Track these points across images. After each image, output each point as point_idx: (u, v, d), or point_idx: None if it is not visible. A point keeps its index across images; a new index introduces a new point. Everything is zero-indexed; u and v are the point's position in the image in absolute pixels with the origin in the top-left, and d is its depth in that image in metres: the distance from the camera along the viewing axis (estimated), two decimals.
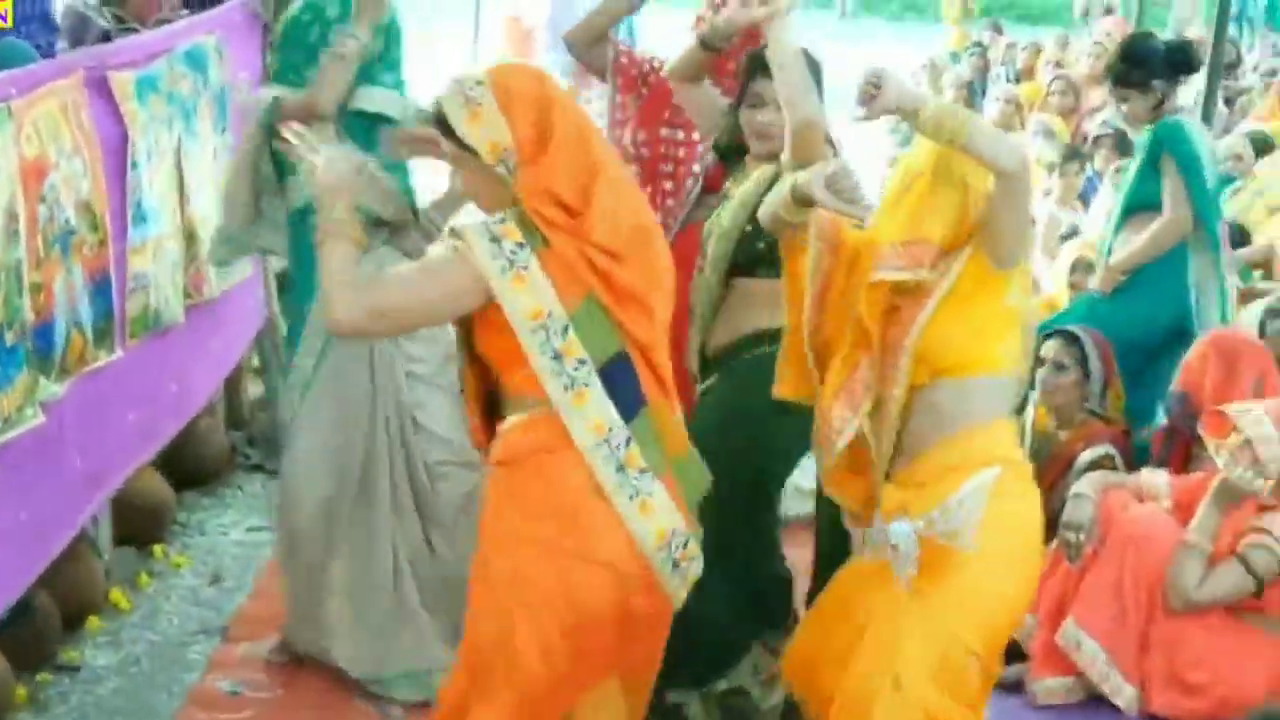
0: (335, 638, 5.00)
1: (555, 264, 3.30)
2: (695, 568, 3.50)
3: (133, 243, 5.26)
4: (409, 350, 4.94)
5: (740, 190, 4.55)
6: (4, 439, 4.25)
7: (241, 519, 6.46)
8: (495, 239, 3.30)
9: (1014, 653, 5.17)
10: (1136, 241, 6.47)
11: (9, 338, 4.32)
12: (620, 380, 3.32)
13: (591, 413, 3.30)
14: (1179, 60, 6.12)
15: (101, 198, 4.99)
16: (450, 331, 3.94)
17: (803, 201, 3.77)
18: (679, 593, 3.51)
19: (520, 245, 3.28)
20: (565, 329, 3.28)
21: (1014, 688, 5.14)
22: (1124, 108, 6.21)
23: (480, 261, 3.28)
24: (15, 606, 4.54)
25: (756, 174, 4.52)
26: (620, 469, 3.32)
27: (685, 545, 3.43)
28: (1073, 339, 5.83)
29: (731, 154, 4.86)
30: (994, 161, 3.67)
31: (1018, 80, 14.60)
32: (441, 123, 3.47)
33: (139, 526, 5.95)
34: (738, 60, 5.03)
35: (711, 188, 4.91)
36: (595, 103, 6.85)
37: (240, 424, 7.25)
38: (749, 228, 4.44)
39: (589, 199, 3.36)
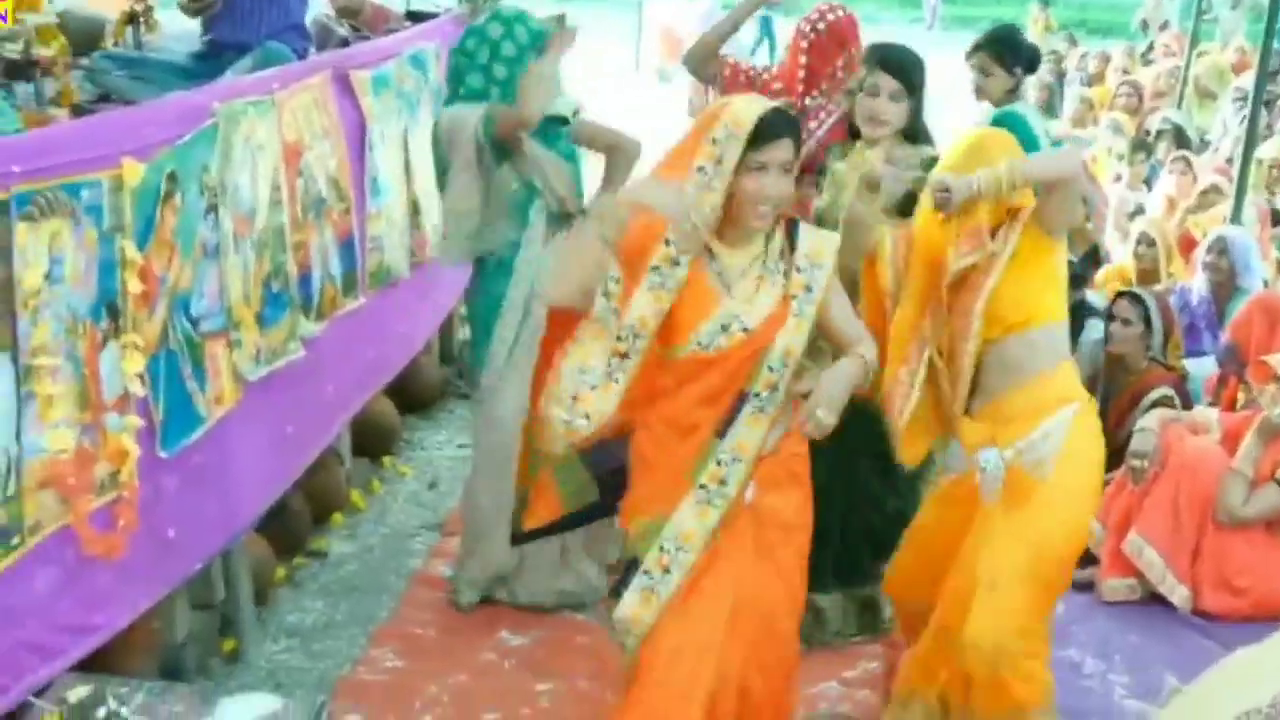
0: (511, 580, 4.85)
1: None
2: None
3: (370, 210, 5.30)
4: None
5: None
6: (273, 368, 4.30)
7: (453, 437, 6.50)
8: None
9: (1085, 558, 5.14)
10: None
11: (275, 285, 4.39)
12: None
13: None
14: (1034, 59, 5.79)
15: (345, 173, 5.04)
16: None
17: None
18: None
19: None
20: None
21: (1085, 587, 5.10)
22: (982, 81, 5.46)
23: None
24: (276, 505, 4.59)
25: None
26: None
27: None
28: (1137, 299, 5.74)
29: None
30: (1059, 176, 3.65)
31: (1090, 84, 14.33)
32: None
33: (373, 442, 6.01)
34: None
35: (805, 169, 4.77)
36: None
37: (451, 360, 7.31)
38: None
39: None
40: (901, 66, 4.37)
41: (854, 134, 4.53)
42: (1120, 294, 5.90)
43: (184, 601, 4.33)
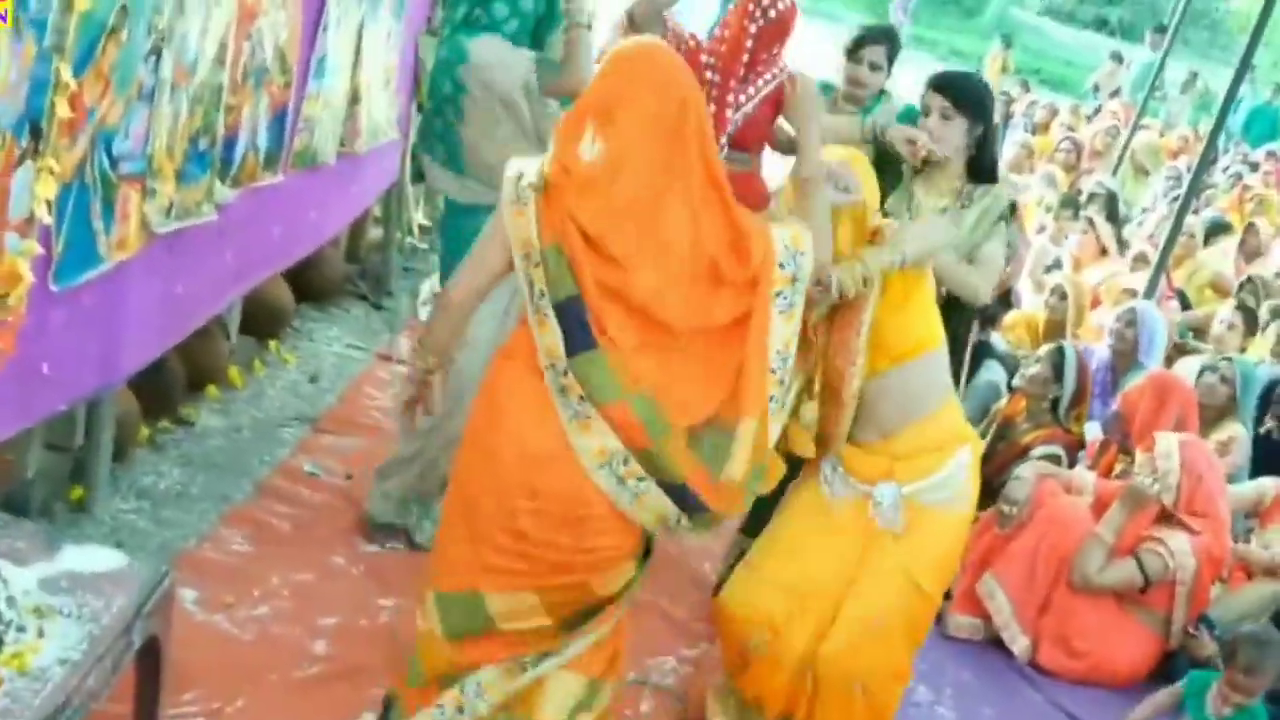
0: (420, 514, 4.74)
1: (545, 207, 3.09)
2: (648, 490, 3.12)
3: (309, 91, 5.19)
4: None
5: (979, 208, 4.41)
6: (181, 225, 4.20)
7: (343, 335, 6.43)
8: (519, 177, 3.14)
9: None
10: None
11: (201, 143, 4.29)
12: (569, 319, 3.08)
13: (547, 337, 3.09)
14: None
15: (294, 48, 4.93)
16: None
17: None
18: (636, 512, 3.16)
19: (530, 187, 3.10)
20: (537, 263, 3.08)
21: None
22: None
23: (504, 193, 3.16)
24: (153, 364, 4.48)
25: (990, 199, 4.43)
26: (561, 391, 3.08)
27: (626, 462, 3.09)
28: (1060, 353, 5.85)
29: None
30: (941, 248, 3.77)
31: (1034, 132, 14.53)
32: None
33: (262, 322, 5.92)
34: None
35: (739, 145, 4.74)
36: None
37: (356, 259, 7.22)
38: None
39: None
40: (948, 83, 4.44)
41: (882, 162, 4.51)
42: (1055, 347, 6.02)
43: (39, 439, 4.24)
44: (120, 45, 3.55)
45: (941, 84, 4.40)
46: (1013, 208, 4.51)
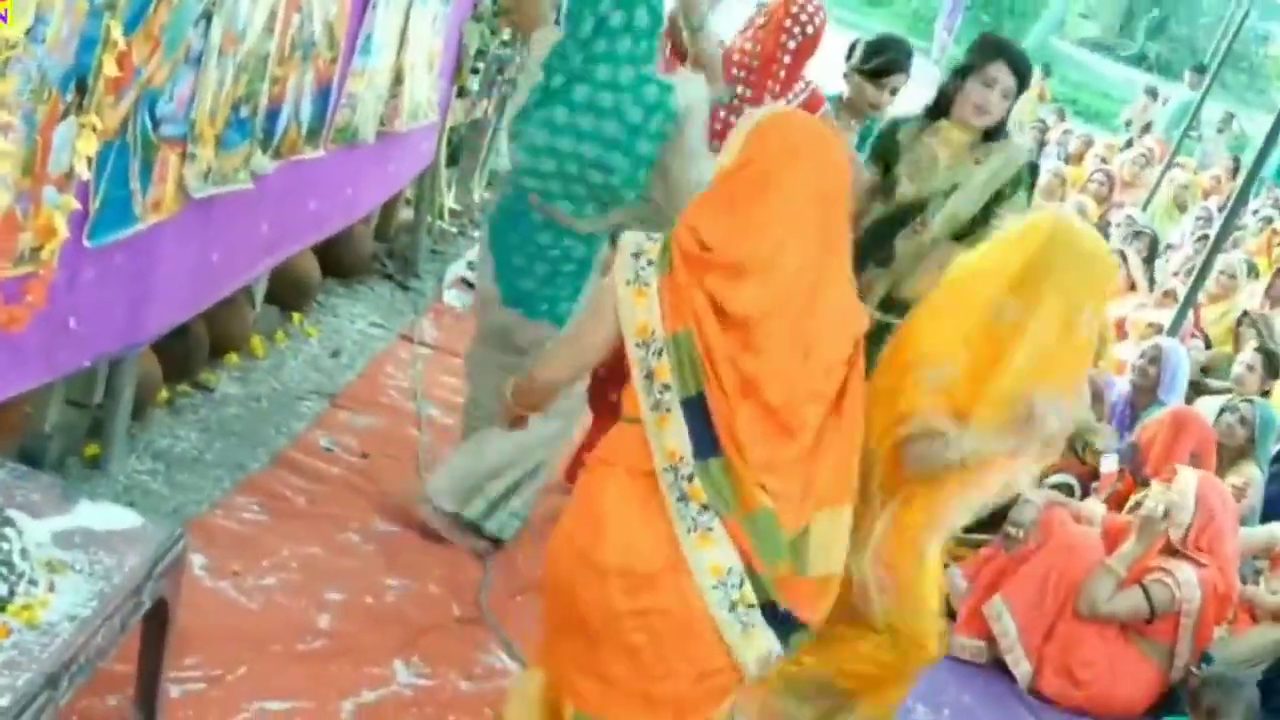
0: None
1: (671, 287, 2.84)
2: (755, 622, 2.89)
3: (355, 67, 5.17)
4: None
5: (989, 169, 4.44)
6: (218, 191, 4.19)
7: (367, 313, 6.42)
8: (638, 254, 2.90)
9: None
10: None
11: (243, 111, 4.27)
12: (695, 419, 2.83)
13: (669, 438, 2.82)
14: None
15: (343, 23, 4.91)
16: None
17: None
18: (742, 651, 2.90)
19: (650, 264, 2.86)
20: (660, 351, 2.82)
21: None
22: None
23: (616, 271, 2.92)
24: (176, 328, 4.47)
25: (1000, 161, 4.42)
26: (682, 498, 2.82)
27: (741, 584, 2.84)
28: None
29: (931, 112, 4.65)
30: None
31: (1067, 161, 14.47)
32: None
33: (287, 294, 5.91)
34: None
35: None
36: None
37: (386, 238, 7.20)
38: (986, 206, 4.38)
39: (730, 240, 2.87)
40: (1024, 67, 4.40)
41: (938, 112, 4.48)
42: None
43: (60, 394, 4.24)
44: (172, 7, 3.54)
45: (1016, 65, 4.37)
46: (1033, 170, 4.45)
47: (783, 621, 2.91)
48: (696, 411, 2.83)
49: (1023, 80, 4.43)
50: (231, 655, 3.69)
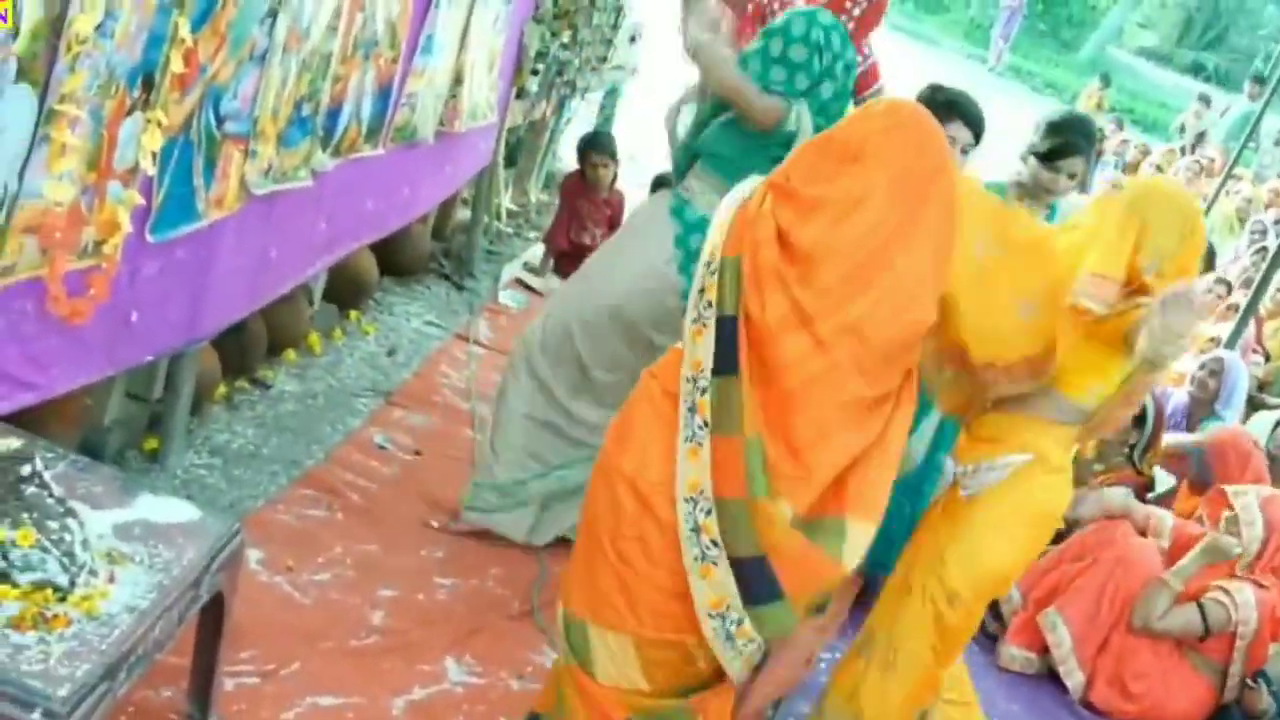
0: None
1: (742, 217, 2.96)
2: (718, 560, 2.86)
3: (415, 67, 5.19)
4: None
5: None
6: (279, 188, 4.21)
7: (423, 312, 6.43)
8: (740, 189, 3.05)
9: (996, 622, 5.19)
10: None
11: (305, 109, 4.29)
12: (728, 337, 2.89)
13: (699, 350, 2.89)
14: None
15: (405, 23, 4.93)
16: None
17: None
18: (695, 584, 2.88)
19: (741, 199, 3.00)
20: (715, 270, 2.91)
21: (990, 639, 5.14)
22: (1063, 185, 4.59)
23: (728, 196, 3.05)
24: (235, 324, 4.49)
25: None
26: (691, 409, 2.89)
27: (708, 512, 2.85)
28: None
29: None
30: None
31: (1124, 170, 14.37)
32: None
33: (345, 292, 5.92)
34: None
35: None
36: None
37: (442, 238, 7.22)
38: None
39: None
40: (979, 123, 4.31)
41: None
42: None
43: (120, 387, 4.26)
44: (238, 5, 3.56)
45: (971, 121, 4.34)
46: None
47: (759, 580, 2.86)
48: (726, 330, 2.89)
49: (979, 135, 4.31)
50: (285, 650, 3.69)
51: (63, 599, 2.54)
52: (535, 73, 6.99)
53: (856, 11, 4.78)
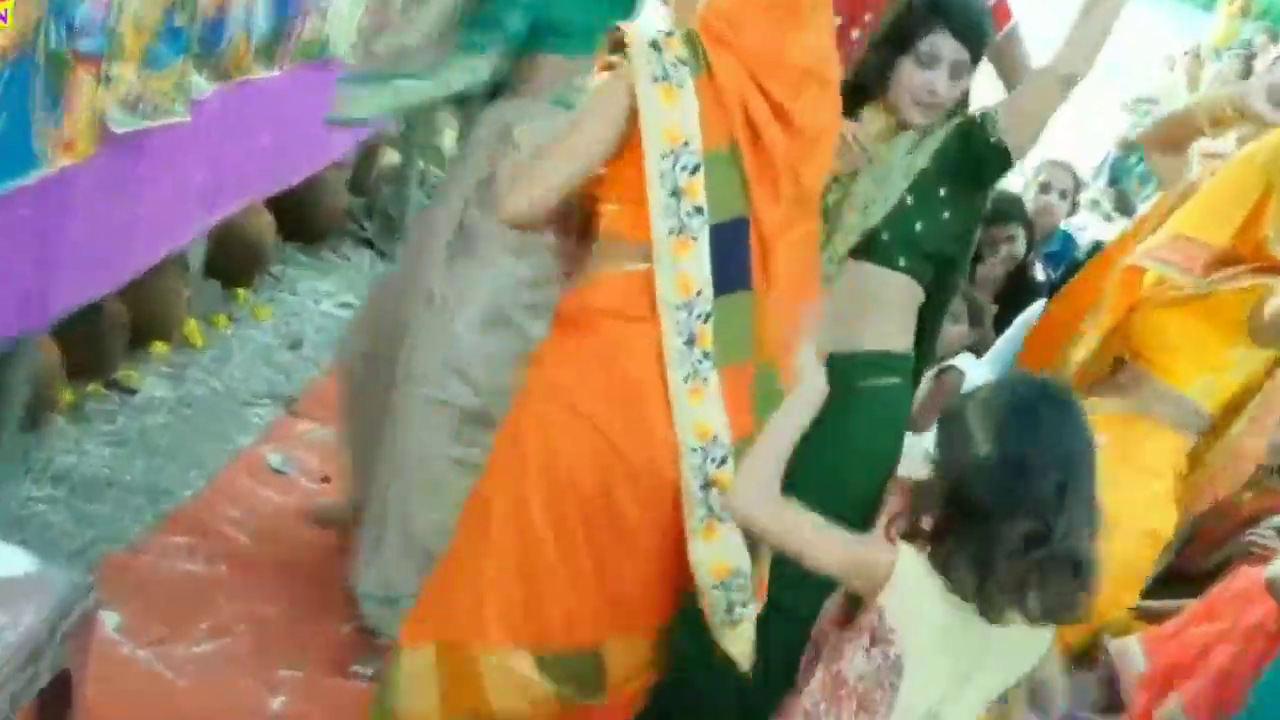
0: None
1: (710, 94, 3.04)
2: (726, 523, 3.04)
3: None
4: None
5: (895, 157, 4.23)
6: (144, 126, 4.20)
7: (337, 291, 6.46)
8: (656, 46, 3.07)
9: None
10: None
11: (179, 19, 4.28)
12: (731, 247, 3.03)
13: (686, 266, 3.00)
14: None
15: None
16: None
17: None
18: (697, 548, 3.07)
19: (681, 62, 3.05)
20: (696, 167, 3.00)
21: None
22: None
23: (634, 66, 3.05)
24: (87, 308, 4.49)
25: (907, 141, 4.22)
26: (689, 342, 3.02)
27: (722, 462, 3.03)
28: None
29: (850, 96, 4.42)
30: None
31: None
32: None
33: (232, 263, 5.94)
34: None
35: None
36: None
37: (364, 190, 7.23)
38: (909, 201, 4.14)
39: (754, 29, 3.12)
40: (972, 28, 4.29)
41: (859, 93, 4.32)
42: None
43: None
44: None
45: (962, 30, 4.35)
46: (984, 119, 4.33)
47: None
48: (731, 238, 3.03)
49: (976, 52, 4.27)
50: None
51: None
52: None
53: None
